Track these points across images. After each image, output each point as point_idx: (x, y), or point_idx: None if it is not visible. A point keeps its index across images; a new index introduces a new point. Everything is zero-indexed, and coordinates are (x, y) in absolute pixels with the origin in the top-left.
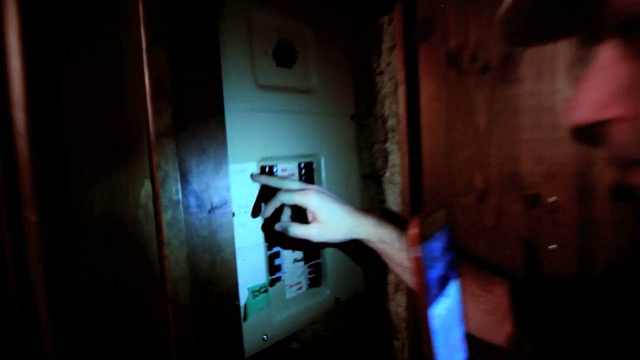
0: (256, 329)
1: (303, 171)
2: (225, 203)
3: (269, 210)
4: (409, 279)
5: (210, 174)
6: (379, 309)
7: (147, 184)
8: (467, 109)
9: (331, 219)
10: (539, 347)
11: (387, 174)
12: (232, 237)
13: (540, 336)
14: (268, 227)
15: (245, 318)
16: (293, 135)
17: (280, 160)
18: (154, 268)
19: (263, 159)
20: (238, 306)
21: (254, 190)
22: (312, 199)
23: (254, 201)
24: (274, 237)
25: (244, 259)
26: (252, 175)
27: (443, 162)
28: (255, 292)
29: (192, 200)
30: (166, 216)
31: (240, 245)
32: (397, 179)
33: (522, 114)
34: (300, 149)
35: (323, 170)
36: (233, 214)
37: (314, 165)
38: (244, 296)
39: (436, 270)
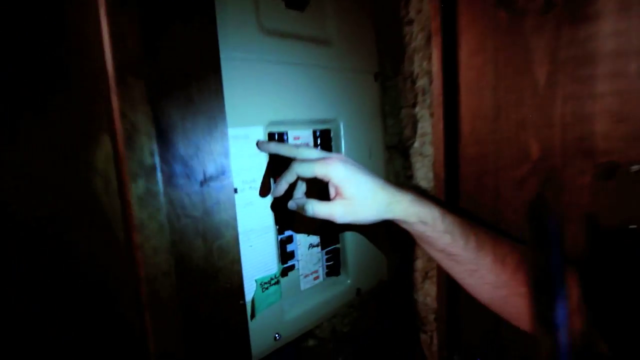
0: (266, 327)
1: (319, 140)
2: (223, 173)
3: (282, 184)
4: (454, 267)
5: (201, 133)
6: (404, 300)
7: (106, 141)
8: (522, 59)
9: (360, 195)
10: (617, 347)
11: (416, 145)
12: (234, 219)
13: (619, 334)
14: (280, 206)
15: (252, 316)
16: (307, 94)
17: (292, 126)
18: (122, 261)
19: (271, 124)
20: (243, 305)
21: (261, 161)
22: (336, 170)
23: (262, 175)
24: (287, 218)
25: (251, 246)
26: (258, 143)
27: (488, 127)
28: (264, 285)
29: (178, 168)
30: (136, 188)
31: (246, 229)
32: (428, 149)
33: (598, 61)
34: (316, 113)
35: (342, 139)
36: (235, 190)
37: (332, 134)
38: (251, 290)
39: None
